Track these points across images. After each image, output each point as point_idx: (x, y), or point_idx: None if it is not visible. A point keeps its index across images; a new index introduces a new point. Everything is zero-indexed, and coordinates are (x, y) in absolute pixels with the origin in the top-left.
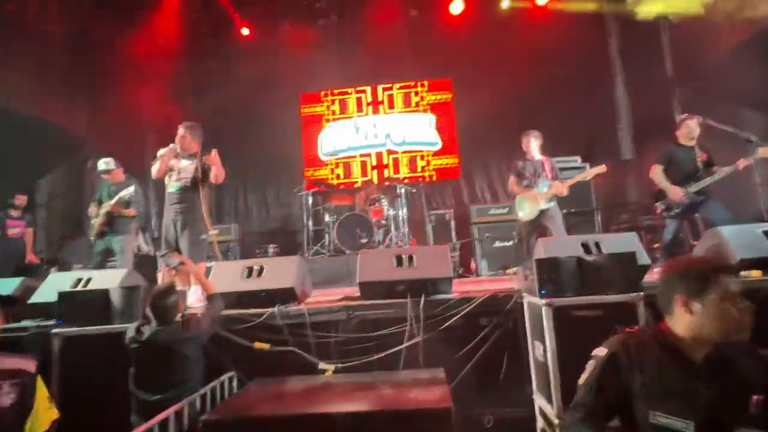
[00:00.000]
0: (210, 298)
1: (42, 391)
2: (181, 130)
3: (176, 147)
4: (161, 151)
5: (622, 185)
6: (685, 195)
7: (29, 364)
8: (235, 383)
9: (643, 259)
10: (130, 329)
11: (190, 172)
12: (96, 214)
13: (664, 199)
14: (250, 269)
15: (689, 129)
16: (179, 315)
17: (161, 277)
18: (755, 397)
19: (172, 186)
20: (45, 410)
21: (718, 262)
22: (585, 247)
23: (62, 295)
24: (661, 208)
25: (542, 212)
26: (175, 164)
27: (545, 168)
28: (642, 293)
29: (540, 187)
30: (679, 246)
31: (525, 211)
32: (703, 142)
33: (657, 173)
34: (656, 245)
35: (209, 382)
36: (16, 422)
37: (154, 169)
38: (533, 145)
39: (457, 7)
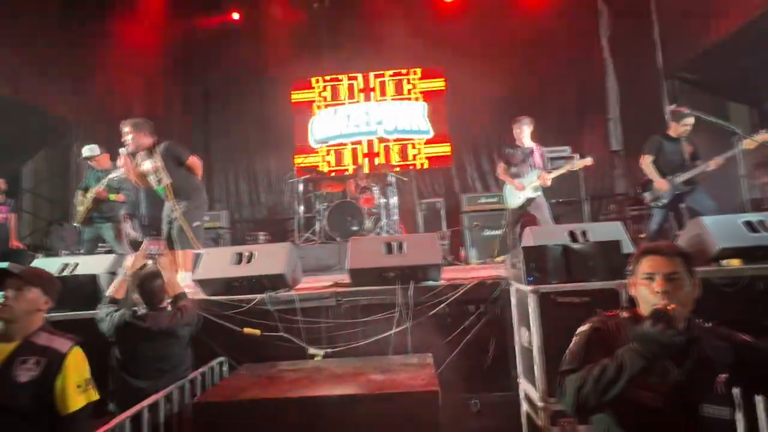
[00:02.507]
0: (177, 297)
1: (73, 372)
2: (126, 129)
3: (127, 149)
4: (119, 163)
5: (610, 176)
6: (671, 186)
7: (63, 344)
8: (225, 368)
9: (628, 247)
10: (118, 315)
11: (160, 170)
12: (82, 201)
13: (651, 189)
14: (240, 255)
15: (686, 128)
16: (167, 300)
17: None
18: (722, 376)
19: (158, 189)
20: (75, 391)
21: (651, 245)
22: (572, 235)
23: None
24: (649, 198)
25: (528, 201)
26: (143, 167)
27: (534, 156)
28: (625, 281)
29: (528, 175)
30: (664, 236)
31: (512, 199)
32: (689, 134)
33: (647, 164)
34: (642, 235)
35: (199, 367)
36: (31, 399)
37: (134, 183)
38: (525, 132)
39: None
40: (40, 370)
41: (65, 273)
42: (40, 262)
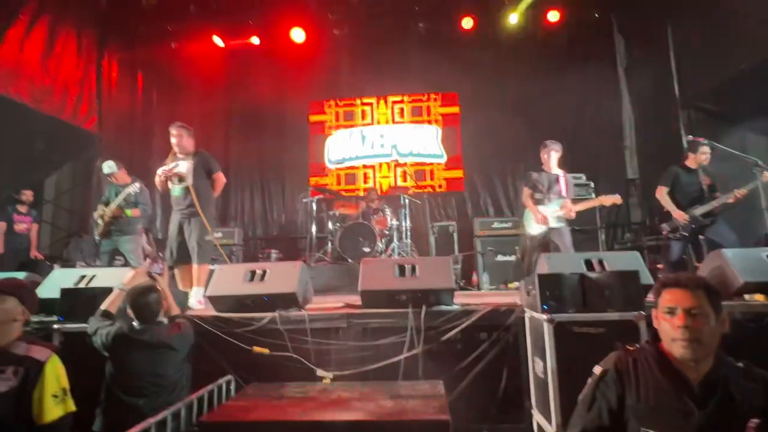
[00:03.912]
0: (174, 317)
1: (51, 382)
2: (174, 131)
3: (175, 154)
4: (161, 172)
5: (626, 204)
6: (690, 218)
7: (42, 353)
8: (233, 387)
9: (647, 278)
10: (114, 328)
11: (189, 171)
12: (102, 215)
13: (670, 220)
14: (253, 273)
15: (705, 156)
16: (163, 316)
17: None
18: (754, 421)
19: (176, 190)
20: (51, 401)
21: (672, 277)
22: (588, 264)
23: (65, 292)
24: (667, 230)
25: (551, 230)
26: (179, 168)
27: (560, 183)
28: (644, 312)
29: (552, 204)
30: (683, 267)
31: (532, 225)
32: (707, 166)
33: (662, 195)
34: (659, 266)
35: (206, 384)
36: (11, 410)
37: (157, 181)
38: (553, 157)
39: (467, 22)
40: (19, 380)
41: (81, 284)
42: (59, 273)
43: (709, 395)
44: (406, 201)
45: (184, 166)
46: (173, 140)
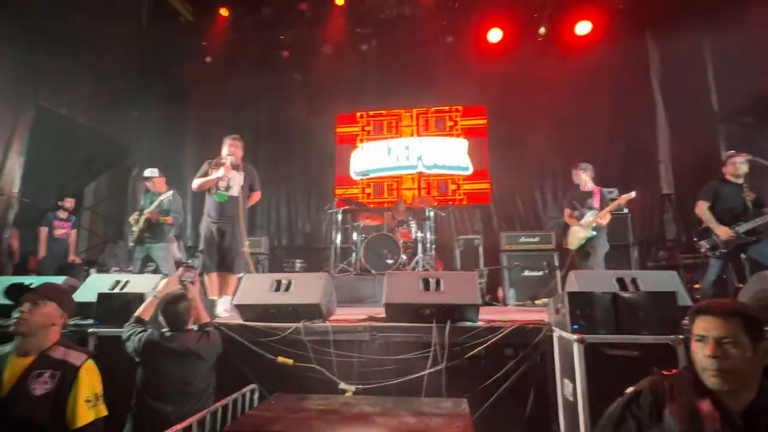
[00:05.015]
0: (203, 324)
1: (85, 386)
2: (231, 141)
3: (230, 160)
4: (219, 173)
5: (660, 220)
6: (733, 235)
7: (78, 358)
8: (256, 396)
9: (684, 299)
10: (146, 335)
11: (238, 183)
12: (136, 222)
13: (709, 237)
14: (279, 283)
15: (735, 167)
16: (193, 323)
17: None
18: None
19: (219, 196)
20: (84, 406)
21: (705, 303)
22: (621, 282)
23: (101, 297)
24: (705, 247)
25: (587, 240)
26: (227, 174)
27: (594, 198)
28: (682, 336)
29: (587, 216)
30: (722, 288)
31: (572, 240)
32: (752, 180)
33: (703, 210)
34: (696, 286)
35: (230, 393)
36: (48, 413)
37: (198, 183)
38: (582, 177)
39: (495, 35)
40: (55, 384)
41: (116, 290)
42: (95, 278)
43: (752, 427)
44: (431, 213)
45: (235, 175)
46: (228, 149)
